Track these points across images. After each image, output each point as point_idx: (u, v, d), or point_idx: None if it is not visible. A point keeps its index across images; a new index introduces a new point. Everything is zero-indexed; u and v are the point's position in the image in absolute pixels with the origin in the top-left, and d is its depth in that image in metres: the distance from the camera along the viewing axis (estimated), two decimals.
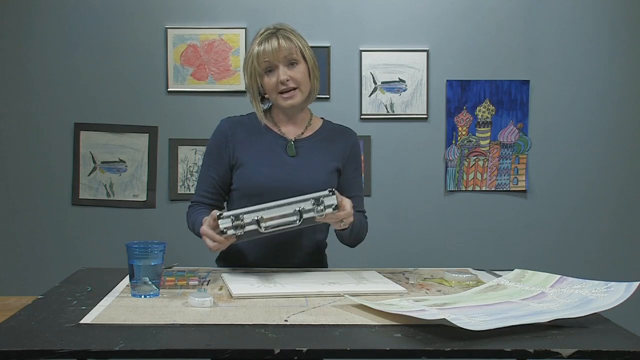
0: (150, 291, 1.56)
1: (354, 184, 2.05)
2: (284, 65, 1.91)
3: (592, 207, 3.43)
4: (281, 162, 1.96)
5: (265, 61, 1.91)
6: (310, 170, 1.95)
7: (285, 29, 1.95)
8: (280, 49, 1.90)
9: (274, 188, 1.90)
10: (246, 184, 1.94)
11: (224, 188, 1.99)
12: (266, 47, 1.90)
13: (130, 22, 3.35)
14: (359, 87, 3.38)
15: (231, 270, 1.88)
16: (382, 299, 1.52)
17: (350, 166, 2.04)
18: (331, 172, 1.98)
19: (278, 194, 1.87)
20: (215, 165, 1.98)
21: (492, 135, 3.41)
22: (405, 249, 3.39)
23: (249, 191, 1.93)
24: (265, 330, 1.31)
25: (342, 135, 2.06)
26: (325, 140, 2.03)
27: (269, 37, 1.92)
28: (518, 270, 1.75)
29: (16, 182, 3.37)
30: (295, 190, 1.87)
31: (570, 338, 1.29)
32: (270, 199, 1.80)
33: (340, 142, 2.04)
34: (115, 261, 2.04)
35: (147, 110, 3.37)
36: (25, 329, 1.30)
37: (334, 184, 1.98)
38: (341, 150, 2.03)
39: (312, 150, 1.99)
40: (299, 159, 1.97)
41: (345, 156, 2.03)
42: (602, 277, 1.71)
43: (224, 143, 1.98)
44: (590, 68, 3.40)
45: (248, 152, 1.96)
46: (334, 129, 2.08)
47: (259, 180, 1.92)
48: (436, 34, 3.39)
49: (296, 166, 1.96)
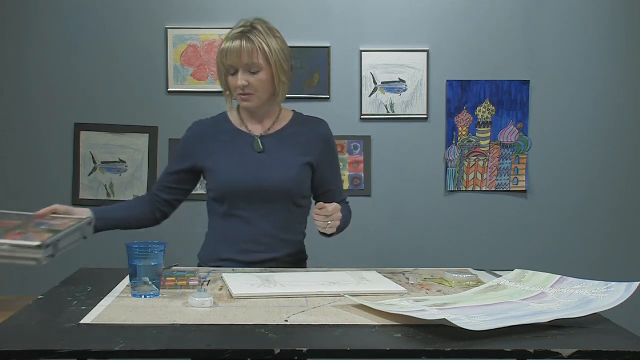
0: (150, 291, 1.56)
1: (331, 175, 2.05)
2: (243, 71, 1.92)
3: (592, 207, 3.43)
4: (249, 160, 1.96)
5: (228, 64, 1.92)
6: (280, 166, 1.96)
7: (257, 29, 1.95)
8: (241, 53, 1.90)
9: (243, 186, 1.94)
10: (218, 186, 1.97)
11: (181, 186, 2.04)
12: (230, 48, 1.91)
13: (130, 22, 3.35)
14: (359, 87, 3.38)
15: (231, 271, 1.88)
16: (382, 299, 1.52)
17: (325, 158, 2.03)
18: (302, 166, 1.98)
19: (247, 191, 1.93)
20: (178, 163, 2.03)
21: (492, 135, 3.41)
22: (405, 249, 3.39)
23: (221, 193, 1.97)
24: (265, 330, 1.30)
25: (313, 127, 2.05)
26: (294, 133, 2.02)
27: (237, 36, 1.93)
28: (518, 270, 1.75)
29: (16, 182, 3.37)
30: (266, 187, 1.92)
31: (570, 338, 1.28)
32: (244, 198, 1.92)
33: (311, 134, 2.03)
34: (115, 261, 2.04)
35: (147, 110, 3.37)
36: (25, 329, 1.30)
37: (306, 178, 1.99)
38: (312, 143, 2.02)
39: (281, 145, 1.99)
40: (267, 155, 1.98)
41: (317, 149, 2.02)
42: (602, 277, 1.71)
43: (192, 145, 2.02)
44: (590, 68, 3.40)
45: (217, 154, 1.98)
46: (303, 121, 2.07)
47: (229, 180, 1.95)
48: (436, 34, 3.38)
49: (265, 162, 1.96)
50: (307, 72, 3.34)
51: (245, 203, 1.95)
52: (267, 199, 1.95)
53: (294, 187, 1.96)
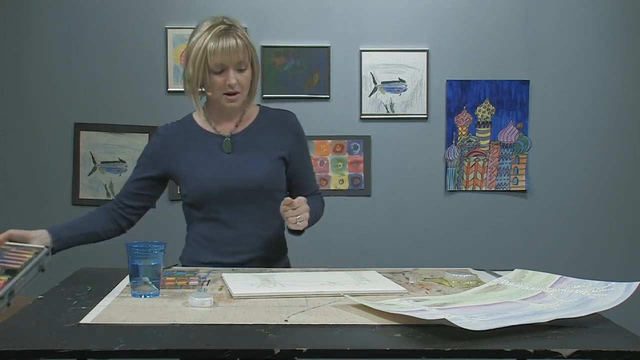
0: (150, 291, 1.56)
1: (304, 167, 2.05)
2: (234, 69, 1.88)
3: (592, 207, 3.43)
4: (220, 162, 1.94)
5: (220, 62, 1.86)
6: (253, 164, 1.94)
7: (237, 27, 1.91)
8: (237, 51, 1.86)
9: (218, 188, 1.92)
10: (192, 191, 1.94)
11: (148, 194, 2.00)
12: (223, 46, 1.85)
13: (130, 22, 3.35)
14: (359, 87, 3.38)
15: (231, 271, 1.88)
16: (382, 299, 1.52)
17: (297, 150, 2.02)
18: (275, 162, 1.97)
19: (223, 193, 1.91)
20: (146, 170, 1.98)
21: (492, 135, 3.41)
22: (405, 249, 3.39)
23: (196, 197, 1.94)
24: (265, 330, 1.30)
25: (281, 121, 2.03)
26: (263, 129, 2.00)
27: (224, 34, 1.87)
28: (518, 270, 1.75)
29: (16, 182, 3.37)
30: (242, 187, 1.91)
31: (570, 338, 1.28)
32: (221, 200, 1.90)
33: (280, 128, 2.01)
34: (115, 261, 2.04)
35: (147, 110, 3.37)
36: (25, 329, 1.30)
37: (280, 172, 1.98)
38: (284, 137, 2.00)
39: (251, 143, 1.98)
40: (238, 155, 1.96)
41: (288, 142, 2.00)
42: (602, 277, 1.71)
43: (161, 152, 1.98)
44: (590, 68, 3.40)
45: (188, 159, 1.95)
46: (271, 115, 2.04)
47: (202, 184, 1.92)
48: (436, 34, 3.39)
49: (236, 163, 1.94)
50: (307, 72, 3.34)
51: (223, 205, 1.93)
52: (244, 199, 1.93)
53: (270, 183, 1.95)
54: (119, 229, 1.99)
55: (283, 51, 3.32)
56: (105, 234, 1.96)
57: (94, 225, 1.94)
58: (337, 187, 3.39)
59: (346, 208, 3.38)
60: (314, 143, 3.34)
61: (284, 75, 3.33)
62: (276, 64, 3.33)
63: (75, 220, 1.95)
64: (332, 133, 3.36)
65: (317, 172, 3.37)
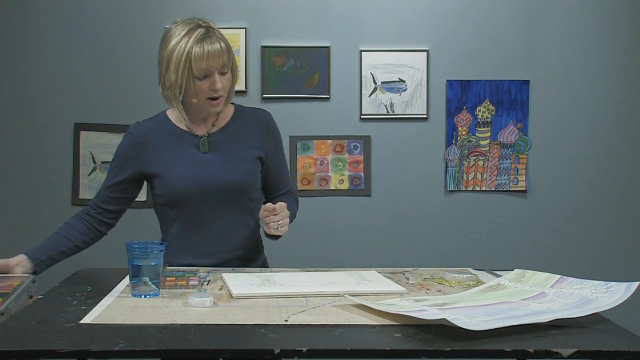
0: (150, 291, 1.56)
1: (279, 166, 2.04)
2: (219, 73, 1.85)
3: (592, 207, 3.43)
4: (197, 161, 1.92)
5: (205, 68, 1.82)
6: (229, 164, 1.93)
7: (214, 28, 1.88)
8: (222, 55, 1.83)
9: (194, 188, 1.89)
10: (167, 190, 1.91)
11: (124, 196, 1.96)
12: (208, 50, 1.81)
13: (130, 22, 3.35)
14: (359, 87, 3.38)
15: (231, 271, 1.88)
16: (382, 299, 1.52)
17: (273, 150, 2.01)
18: (252, 161, 1.96)
19: (200, 193, 1.89)
20: (121, 171, 1.94)
21: (492, 135, 3.41)
22: (405, 249, 3.39)
23: (171, 197, 1.91)
24: (265, 330, 1.30)
25: (256, 119, 2.01)
26: (239, 128, 1.99)
27: (207, 38, 1.83)
28: (518, 270, 1.75)
29: (16, 182, 3.37)
30: (218, 187, 1.90)
31: (570, 338, 1.28)
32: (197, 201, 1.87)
33: (256, 127, 2.00)
34: (115, 261, 2.04)
35: (147, 110, 3.34)
36: (25, 329, 1.30)
37: (257, 172, 1.97)
38: (260, 136, 1.99)
39: (228, 142, 1.96)
40: (214, 155, 1.94)
41: (265, 142, 1.99)
42: (602, 277, 1.71)
43: (135, 152, 1.94)
44: (590, 68, 3.41)
45: (162, 159, 1.92)
46: (246, 114, 2.02)
47: (178, 184, 1.90)
48: (436, 34, 3.39)
49: (213, 163, 1.93)
50: (307, 72, 3.34)
51: (199, 206, 1.91)
52: (220, 199, 1.91)
53: (247, 183, 1.94)
54: (99, 235, 1.95)
55: (283, 51, 3.32)
56: (85, 244, 1.92)
57: (72, 238, 1.88)
58: (337, 187, 3.39)
59: (346, 208, 3.38)
60: (314, 143, 3.34)
61: (284, 75, 3.33)
62: (276, 64, 3.33)
63: (52, 237, 1.88)
64: (332, 133, 3.36)
65: (317, 172, 3.37)
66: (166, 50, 1.85)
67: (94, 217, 1.94)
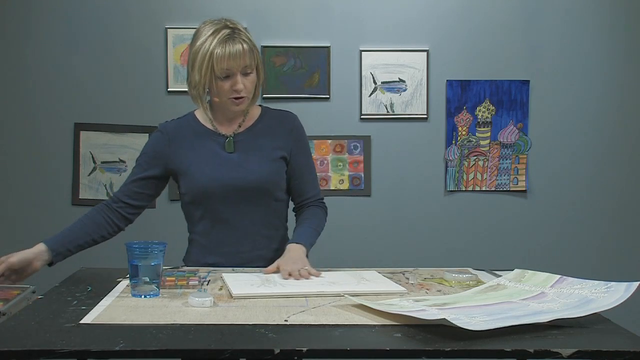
0: (150, 291, 1.56)
1: (304, 168, 2.04)
2: (241, 74, 1.88)
3: (592, 207, 3.43)
4: (222, 161, 1.95)
5: (226, 68, 1.85)
6: (253, 164, 1.95)
7: (240, 30, 1.89)
8: (243, 56, 1.85)
9: (219, 187, 1.92)
10: (191, 188, 1.94)
11: (148, 192, 1.98)
12: (230, 51, 1.83)
13: (130, 22, 3.35)
14: (359, 87, 3.38)
15: (231, 271, 1.88)
16: (382, 299, 1.52)
17: (297, 151, 2.02)
18: (275, 161, 1.97)
19: (225, 193, 1.91)
20: (147, 168, 1.97)
21: (492, 135, 3.41)
22: (405, 249, 3.39)
23: (196, 196, 1.94)
24: (265, 330, 1.30)
25: (282, 121, 2.03)
26: (264, 129, 2.01)
27: (230, 39, 1.85)
28: (518, 270, 1.75)
29: (16, 182, 3.37)
30: (243, 186, 1.91)
31: (570, 338, 1.28)
32: (221, 199, 1.89)
33: (281, 129, 2.01)
34: (115, 261, 2.04)
35: (147, 110, 3.37)
36: (25, 329, 1.30)
37: (281, 172, 1.98)
38: (284, 137, 2.00)
39: (252, 143, 1.98)
40: (239, 154, 1.96)
41: (289, 142, 2.01)
42: (602, 277, 1.71)
43: (162, 149, 1.97)
44: (590, 68, 3.41)
45: (188, 157, 1.95)
46: (272, 116, 2.04)
47: (203, 182, 1.92)
48: (436, 34, 3.39)
49: (238, 162, 1.95)
50: (307, 72, 3.34)
51: (223, 204, 1.93)
52: (245, 198, 1.93)
53: (270, 183, 1.96)
54: (117, 230, 1.97)
55: (283, 51, 3.32)
56: (102, 239, 1.94)
57: (91, 232, 1.90)
58: (337, 187, 3.39)
59: (346, 208, 3.38)
60: (314, 143, 3.34)
61: (284, 75, 3.33)
62: (276, 64, 3.33)
63: (73, 229, 1.89)
64: (332, 133, 3.36)
65: (317, 172, 3.37)
66: (193, 50, 1.90)
67: (115, 212, 1.95)
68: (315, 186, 2.09)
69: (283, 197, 2.03)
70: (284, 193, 2.02)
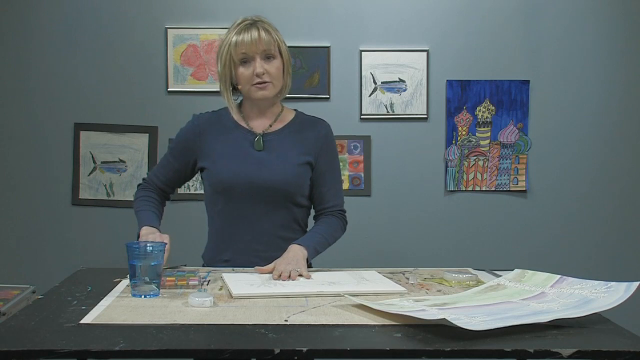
0: (150, 291, 1.56)
1: (327, 176, 2.04)
2: (260, 58, 1.91)
3: (592, 207, 3.43)
4: (248, 157, 1.96)
5: (243, 52, 1.90)
6: (279, 164, 1.95)
7: (264, 22, 1.95)
8: (260, 41, 1.90)
9: (241, 183, 1.93)
10: (214, 180, 1.96)
11: (178, 179, 2.06)
12: (245, 38, 1.90)
13: (130, 22, 3.35)
14: (359, 87, 3.38)
15: (231, 271, 1.88)
16: (382, 299, 1.52)
17: (323, 158, 2.02)
18: (300, 165, 1.98)
19: (246, 189, 1.93)
20: (178, 156, 2.03)
21: (492, 135, 3.41)
22: (405, 249, 3.39)
23: (218, 187, 1.96)
24: (265, 330, 1.31)
25: (314, 127, 2.04)
26: (295, 132, 2.02)
27: (249, 27, 1.91)
28: (518, 270, 1.75)
29: (16, 182, 3.37)
30: (265, 185, 1.92)
31: (570, 338, 1.28)
32: (243, 196, 1.91)
33: (311, 134, 2.02)
34: (115, 261, 2.04)
35: (147, 110, 3.37)
36: (25, 329, 1.30)
37: (305, 177, 1.99)
38: (312, 143, 2.01)
39: (281, 144, 1.99)
40: (266, 153, 1.97)
41: (316, 148, 2.01)
42: (602, 277, 1.71)
43: (193, 139, 2.00)
44: (590, 68, 3.40)
45: (216, 150, 1.97)
46: (305, 121, 2.06)
47: (226, 176, 1.94)
48: (436, 34, 3.38)
49: (263, 161, 1.95)
50: (307, 72, 3.34)
51: (244, 202, 1.95)
52: (266, 198, 1.95)
53: (293, 186, 1.96)
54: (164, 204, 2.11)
55: None
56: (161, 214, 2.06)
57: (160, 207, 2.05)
58: None
59: (346, 208, 3.37)
60: None
61: None
62: None
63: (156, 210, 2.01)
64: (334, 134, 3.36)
65: None
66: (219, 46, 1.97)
67: (157, 189, 2.05)
68: (337, 196, 2.08)
69: (304, 203, 2.03)
70: (305, 199, 2.03)
